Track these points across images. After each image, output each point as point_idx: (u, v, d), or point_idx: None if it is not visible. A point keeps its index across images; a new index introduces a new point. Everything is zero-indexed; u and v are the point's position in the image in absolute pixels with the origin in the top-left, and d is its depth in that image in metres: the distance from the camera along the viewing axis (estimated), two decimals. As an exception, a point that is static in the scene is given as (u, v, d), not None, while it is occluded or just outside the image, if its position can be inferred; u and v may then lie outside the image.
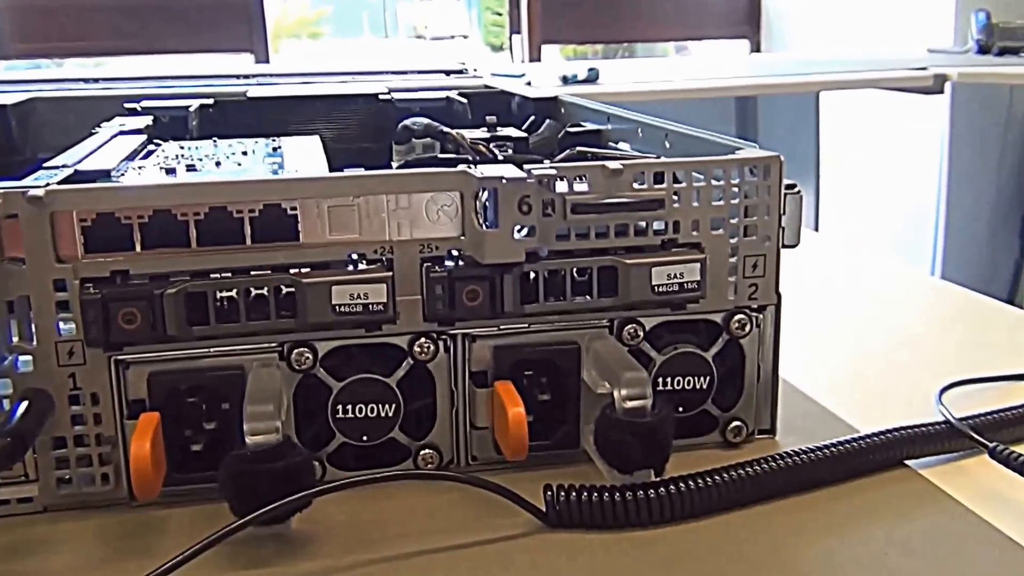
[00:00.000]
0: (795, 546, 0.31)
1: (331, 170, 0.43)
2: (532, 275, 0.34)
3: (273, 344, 0.33)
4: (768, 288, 0.36)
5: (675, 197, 0.35)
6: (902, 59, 1.34)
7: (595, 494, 0.31)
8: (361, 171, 0.35)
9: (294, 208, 0.32)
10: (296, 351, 0.33)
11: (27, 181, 0.33)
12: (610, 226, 0.34)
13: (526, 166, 0.33)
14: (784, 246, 0.36)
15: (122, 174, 0.39)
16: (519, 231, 0.33)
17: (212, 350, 0.32)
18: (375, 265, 0.33)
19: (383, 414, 0.34)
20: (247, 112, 0.61)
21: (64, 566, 0.30)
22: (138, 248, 0.31)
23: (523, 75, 1.17)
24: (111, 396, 0.32)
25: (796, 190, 0.36)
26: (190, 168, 0.41)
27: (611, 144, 0.50)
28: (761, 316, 0.36)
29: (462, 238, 0.33)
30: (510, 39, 2.09)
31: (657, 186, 0.34)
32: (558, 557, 0.30)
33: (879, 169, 1.83)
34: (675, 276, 0.34)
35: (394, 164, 0.53)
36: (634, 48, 2.31)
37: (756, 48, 2.10)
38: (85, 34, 1.75)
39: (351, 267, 0.33)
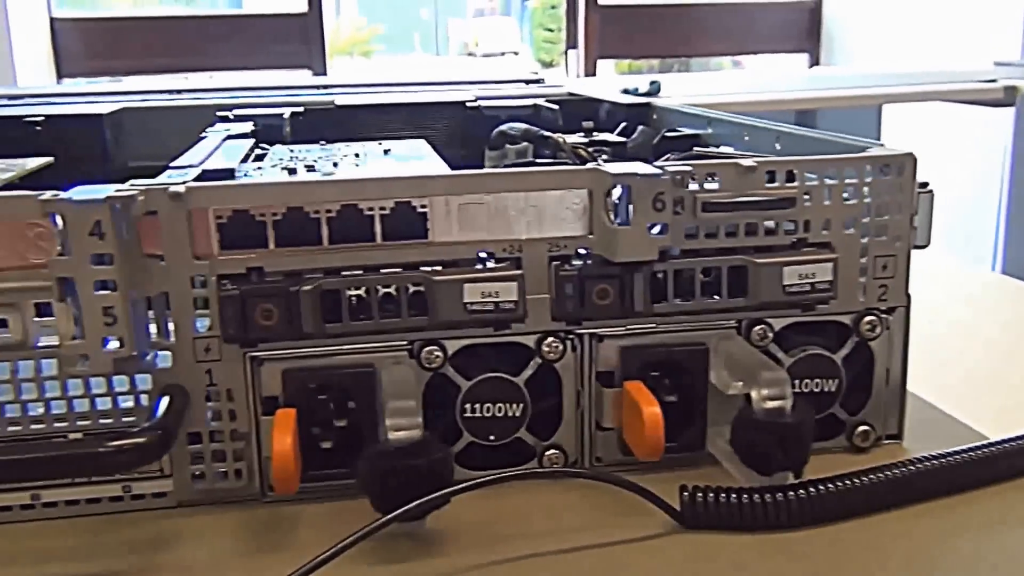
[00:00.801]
0: (941, 549, 0.30)
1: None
2: (661, 274, 0.33)
3: (403, 342, 0.33)
4: (898, 289, 0.35)
5: (806, 196, 0.34)
6: (969, 72, 1.32)
7: (734, 495, 0.31)
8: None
9: (424, 206, 0.32)
10: (426, 349, 0.33)
11: (162, 179, 0.33)
12: (739, 225, 0.34)
13: (657, 163, 0.33)
14: (915, 246, 0.35)
15: (244, 174, 0.40)
16: (651, 229, 0.33)
17: (344, 347, 0.32)
18: (505, 263, 0.33)
19: (511, 414, 0.33)
20: (336, 120, 0.61)
21: (200, 560, 0.30)
22: (271, 245, 0.31)
23: (587, 88, 1.17)
24: (246, 392, 0.32)
25: (928, 189, 0.35)
26: (309, 168, 0.41)
27: (714, 148, 0.50)
28: (891, 318, 0.35)
29: (590, 236, 0.33)
30: (565, 54, 2.09)
31: (788, 184, 0.34)
32: (697, 557, 0.29)
33: (940, 181, 1.81)
34: (806, 276, 0.34)
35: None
36: (689, 63, 2.30)
37: (815, 62, 2.09)
38: (149, 52, 1.78)
39: (480, 266, 0.33)
